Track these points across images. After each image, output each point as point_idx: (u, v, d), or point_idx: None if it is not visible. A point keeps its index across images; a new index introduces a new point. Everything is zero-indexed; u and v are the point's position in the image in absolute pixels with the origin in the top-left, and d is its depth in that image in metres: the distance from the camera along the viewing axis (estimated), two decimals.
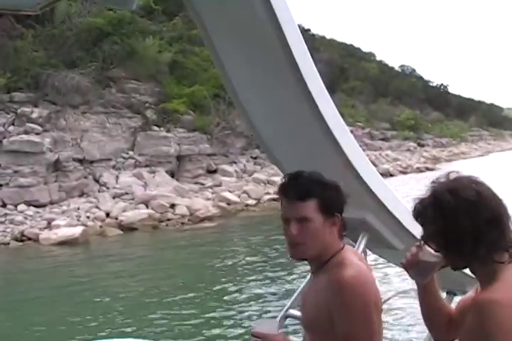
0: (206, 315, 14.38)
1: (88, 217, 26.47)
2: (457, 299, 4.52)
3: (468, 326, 2.29)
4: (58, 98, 30.16)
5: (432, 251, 2.60)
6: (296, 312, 4.27)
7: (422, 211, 2.39)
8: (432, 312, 2.73)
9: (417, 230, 3.90)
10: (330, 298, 2.78)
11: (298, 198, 2.83)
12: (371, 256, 4.53)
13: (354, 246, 3.86)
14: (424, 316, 2.81)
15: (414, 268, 2.69)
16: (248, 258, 20.42)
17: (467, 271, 4.08)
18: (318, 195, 2.83)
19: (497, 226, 2.33)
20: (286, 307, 4.27)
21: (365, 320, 2.73)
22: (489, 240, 2.32)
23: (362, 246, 3.80)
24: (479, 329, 2.20)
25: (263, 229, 25.91)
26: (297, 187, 2.85)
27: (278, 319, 4.15)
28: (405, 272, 2.76)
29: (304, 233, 2.82)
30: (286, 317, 4.25)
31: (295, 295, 4.33)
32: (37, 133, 28.08)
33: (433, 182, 2.45)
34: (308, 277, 4.30)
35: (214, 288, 16.86)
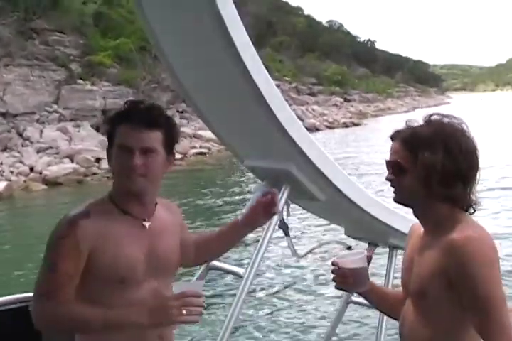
0: None
1: (12, 172, 26.00)
2: (379, 250, 4.63)
3: (441, 268, 2.33)
4: None
5: (355, 256, 2.59)
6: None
7: (425, 139, 2.37)
8: (391, 309, 2.77)
9: (339, 182, 3.96)
10: None
11: (147, 126, 2.60)
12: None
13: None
14: (387, 314, 2.94)
15: (352, 280, 2.59)
16: None
17: (392, 222, 4.18)
18: (165, 127, 2.66)
19: (475, 175, 2.44)
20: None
21: None
22: (472, 184, 2.43)
23: (284, 197, 3.82)
24: (461, 265, 2.27)
25: (190, 183, 26.01)
26: (146, 115, 2.62)
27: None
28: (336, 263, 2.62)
29: (148, 165, 2.61)
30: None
31: None
32: None
33: (430, 116, 2.45)
34: None
35: None
